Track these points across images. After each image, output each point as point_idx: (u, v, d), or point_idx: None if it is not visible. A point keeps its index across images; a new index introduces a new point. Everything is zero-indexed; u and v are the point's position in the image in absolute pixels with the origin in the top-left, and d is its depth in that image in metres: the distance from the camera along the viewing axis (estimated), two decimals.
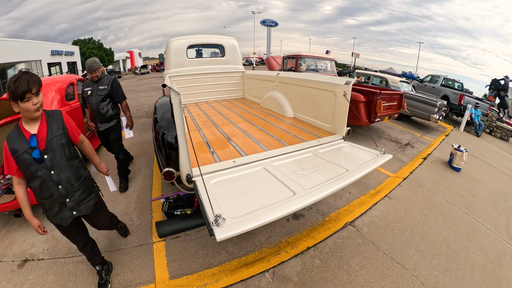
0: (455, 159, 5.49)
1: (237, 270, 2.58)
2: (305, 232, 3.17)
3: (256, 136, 3.39)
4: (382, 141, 6.75)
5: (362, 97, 5.92)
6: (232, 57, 6.52)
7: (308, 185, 2.05)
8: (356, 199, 4.01)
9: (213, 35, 6.47)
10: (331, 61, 8.72)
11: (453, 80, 12.62)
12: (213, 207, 1.68)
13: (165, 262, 2.69)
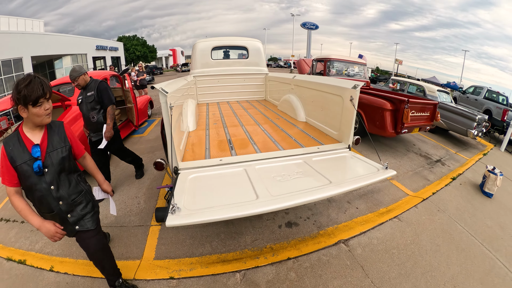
0: (487, 182, 4.93)
1: (212, 264, 2.68)
2: (293, 242, 3.06)
3: (256, 138, 3.41)
4: (409, 155, 6.27)
5: (388, 105, 5.53)
6: (256, 59, 6.55)
7: (277, 192, 1.99)
8: (362, 215, 3.76)
9: (237, 37, 6.58)
10: (363, 66, 8.26)
11: (498, 92, 11.40)
12: (175, 198, 1.83)
13: (155, 244, 2.98)
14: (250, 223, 3.37)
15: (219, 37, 6.52)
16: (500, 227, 3.92)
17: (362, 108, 6.17)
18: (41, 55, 23.07)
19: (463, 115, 7.78)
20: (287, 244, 2.99)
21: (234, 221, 3.37)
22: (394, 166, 5.50)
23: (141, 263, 2.68)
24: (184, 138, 3.29)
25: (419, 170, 5.55)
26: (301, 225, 3.38)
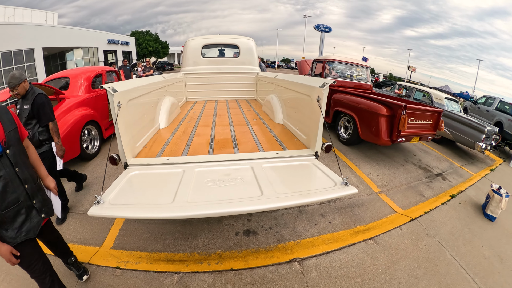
0: (490, 204, 4.33)
1: (157, 261, 2.60)
2: (244, 252, 2.80)
3: (220, 140, 3.26)
4: (406, 166, 5.69)
5: (384, 110, 4.99)
6: (247, 57, 6.33)
7: (194, 199, 1.88)
8: (333, 232, 3.31)
9: (229, 35, 6.40)
10: (366, 69, 7.67)
11: (511, 104, 10.56)
12: (105, 191, 1.92)
13: (117, 234, 3.00)
14: (208, 225, 3.16)
15: (210, 35, 6.44)
16: (499, 259, 3.35)
17: (356, 112, 5.64)
18: (52, 47, 23.20)
19: (471, 126, 7.11)
20: (237, 254, 2.75)
21: (191, 221, 3.22)
22: (386, 178, 4.96)
23: (99, 250, 2.72)
24: (148, 135, 3.20)
25: (415, 184, 4.98)
26: (260, 235, 3.05)
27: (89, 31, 29.93)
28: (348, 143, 6.07)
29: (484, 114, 10.89)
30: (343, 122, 6.25)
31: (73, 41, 25.90)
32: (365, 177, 4.87)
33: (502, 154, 9.01)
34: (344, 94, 6.21)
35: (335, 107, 6.32)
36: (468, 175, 6.16)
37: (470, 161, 7.29)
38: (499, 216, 4.31)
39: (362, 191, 4.46)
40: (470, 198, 4.86)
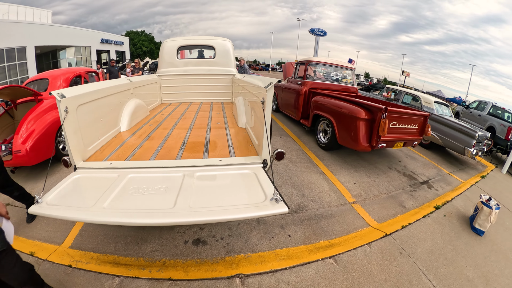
0: (479, 217, 3.82)
1: (105, 263, 2.51)
2: (189, 262, 2.57)
3: (170, 144, 3.07)
4: (389, 174, 5.17)
5: (363, 114, 4.51)
6: (223, 59, 6.00)
7: (111, 205, 1.83)
8: (290, 247, 2.88)
9: (205, 36, 6.22)
10: (351, 71, 7.19)
11: (503, 109, 10.03)
12: (47, 191, 1.96)
13: (77, 233, 2.90)
14: (159, 232, 2.95)
15: (187, 36, 6.42)
16: (485, 280, 2.83)
17: (334, 116, 5.16)
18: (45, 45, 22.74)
19: (461, 131, 6.60)
20: (181, 263, 2.55)
21: (144, 227, 3.02)
22: (364, 187, 4.44)
23: (58, 249, 2.67)
24: (105, 138, 3.11)
25: (396, 193, 4.46)
26: (209, 245, 2.78)
27: (82, 30, 29.45)
28: (327, 148, 5.58)
29: (476, 119, 10.37)
30: (322, 126, 5.76)
31: (66, 39, 25.42)
32: (339, 185, 4.36)
33: (494, 160, 8.48)
34: (323, 97, 5.74)
35: (314, 111, 5.84)
36: (457, 182, 5.63)
37: (460, 168, 6.75)
38: (488, 230, 3.79)
39: (333, 201, 3.95)
40: (457, 209, 4.33)
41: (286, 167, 4.76)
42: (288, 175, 4.50)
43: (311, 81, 6.41)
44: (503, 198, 5.45)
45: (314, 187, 4.23)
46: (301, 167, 4.80)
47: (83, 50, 28.67)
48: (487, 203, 3.85)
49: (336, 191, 4.20)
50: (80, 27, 31.03)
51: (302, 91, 6.38)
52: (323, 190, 4.17)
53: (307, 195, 4.02)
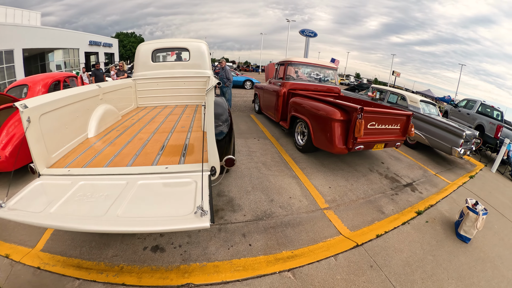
0: (464, 223, 3.40)
1: (69, 266, 2.47)
2: (145, 268, 2.44)
3: (126, 151, 2.95)
4: (369, 176, 4.74)
5: (338, 114, 4.11)
6: (198, 61, 5.73)
7: (57, 211, 1.86)
8: (249, 257, 2.59)
9: (179, 39, 6.23)
10: (334, 71, 6.79)
11: (492, 107, 9.62)
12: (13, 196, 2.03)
13: (48, 237, 2.81)
14: (122, 237, 2.82)
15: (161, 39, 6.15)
16: None
17: (309, 117, 4.76)
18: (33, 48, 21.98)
19: (448, 130, 6.20)
20: (137, 269, 2.44)
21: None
22: (340, 191, 4.02)
23: (31, 251, 2.64)
24: (71, 144, 3.06)
25: (375, 197, 4.04)
26: (167, 252, 2.61)
27: (70, 32, 28.50)
28: (304, 150, 5.17)
29: (465, 117, 9.97)
30: (300, 128, 5.35)
31: (54, 42, 24.59)
32: (313, 190, 3.94)
33: (483, 159, 8.07)
34: (300, 97, 5.34)
35: (291, 112, 5.44)
36: (444, 184, 5.21)
37: (447, 168, 6.34)
38: (475, 236, 3.38)
39: (303, 207, 3.53)
40: (441, 214, 3.91)
41: (258, 171, 4.34)
42: (259, 180, 4.09)
43: (290, 82, 6.02)
44: (492, 199, 5.03)
45: (284, 192, 3.82)
46: (274, 171, 4.38)
47: (71, 52, 27.71)
48: (473, 209, 3.44)
49: (308, 196, 3.78)
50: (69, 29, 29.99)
51: (281, 92, 5.99)
52: (294, 195, 3.76)
53: (276, 200, 3.61)
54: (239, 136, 5.96)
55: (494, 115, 9.44)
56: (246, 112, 8.89)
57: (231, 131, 3.25)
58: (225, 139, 3.00)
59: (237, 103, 10.65)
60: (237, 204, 3.45)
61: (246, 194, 3.71)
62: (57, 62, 25.68)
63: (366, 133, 4.19)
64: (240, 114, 8.43)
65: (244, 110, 9.33)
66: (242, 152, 5.03)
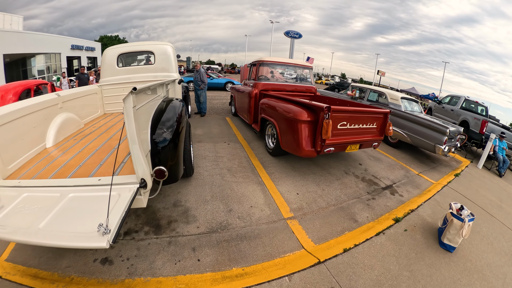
0: (448, 230, 2.90)
1: (27, 276, 2.31)
2: (92, 281, 2.23)
3: (74, 162, 2.73)
4: (344, 180, 4.20)
5: (304, 115, 3.58)
6: (164, 64, 5.29)
7: None
8: (194, 273, 2.26)
9: (144, 42, 5.80)
10: (309, 70, 6.29)
11: (476, 102, 9.19)
12: None
13: (12, 247, 2.66)
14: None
15: (126, 43, 5.68)
16: None
17: (276, 119, 4.24)
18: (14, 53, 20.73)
19: (431, 127, 5.71)
20: (85, 281, 2.25)
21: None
22: (309, 198, 3.47)
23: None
24: (27, 155, 2.87)
25: (348, 204, 3.50)
26: (115, 265, 2.40)
27: (51, 36, 26.97)
28: (274, 154, 4.62)
29: (449, 114, 9.50)
30: (270, 130, 4.82)
31: (36, 47, 23.27)
32: (278, 197, 3.40)
33: (469, 155, 7.62)
34: (269, 98, 4.82)
35: (261, 114, 4.92)
36: (427, 184, 4.69)
37: (431, 166, 5.83)
38: (460, 243, 2.86)
39: (264, 217, 3.00)
40: (422, 220, 3.38)
41: (221, 178, 3.80)
42: (221, 188, 3.54)
43: (262, 83, 5.49)
44: (479, 197, 4.54)
45: (246, 201, 3.27)
46: (239, 177, 3.84)
47: (53, 57, 26.14)
48: (458, 215, 2.93)
49: (271, 204, 3.24)
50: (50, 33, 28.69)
51: (253, 93, 5.46)
52: (256, 204, 3.21)
53: (235, 210, 3.08)
54: (209, 141, 5.41)
55: (478, 111, 9.01)
56: (222, 115, 8.34)
57: (176, 137, 2.74)
58: (168, 147, 2.54)
59: (214, 106, 10.08)
60: (192, 215, 2.97)
61: (203, 203, 3.19)
62: (39, 68, 24.19)
63: (336, 134, 3.67)
64: (216, 117, 7.88)
65: (221, 112, 8.78)
66: (209, 158, 4.48)
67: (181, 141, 2.98)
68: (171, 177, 2.52)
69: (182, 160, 3.17)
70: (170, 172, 2.41)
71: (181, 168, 2.94)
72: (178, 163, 2.78)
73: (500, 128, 7.60)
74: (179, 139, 2.86)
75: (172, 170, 2.55)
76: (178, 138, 2.84)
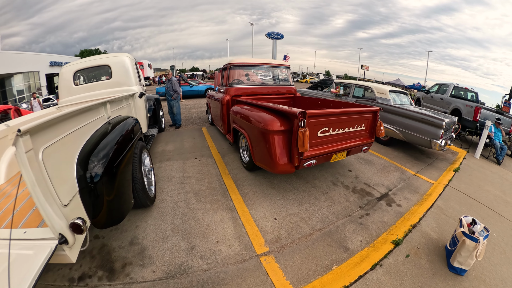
0: (459, 253, 2.33)
1: None
2: None
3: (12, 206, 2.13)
4: (332, 193, 3.61)
5: (277, 124, 2.98)
6: (121, 77, 4.66)
7: None
8: None
9: (100, 56, 4.95)
10: (286, 68, 5.71)
11: (466, 89, 8.81)
12: None
13: None
14: None
15: (84, 58, 5.01)
16: None
17: (247, 129, 3.63)
18: None
19: (425, 121, 5.18)
20: None
21: None
22: (289, 222, 2.84)
23: None
24: None
25: (337, 225, 2.90)
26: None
27: (29, 55, 25.96)
28: (250, 168, 4.00)
29: (439, 103, 9.04)
30: (244, 141, 4.21)
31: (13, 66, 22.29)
32: (251, 227, 2.77)
33: (464, 144, 7.18)
34: (241, 105, 4.21)
35: (232, 123, 4.31)
36: (426, 186, 4.14)
37: (428, 163, 5.30)
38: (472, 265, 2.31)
39: (233, 255, 2.40)
40: (426, 237, 2.81)
41: (186, 205, 3.17)
42: (184, 218, 2.92)
43: (234, 88, 4.88)
44: (483, 194, 4.07)
45: (212, 234, 2.66)
46: (206, 203, 3.22)
47: (31, 75, 25.11)
48: (471, 233, 2.38)
49: (243, 237, 2.62)
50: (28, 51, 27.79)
51: (224, 100, 4.84)
52: (224, 238, 2.60)
53: (198, 248, 2.47)
54: (179, 157, 4.76)
55: (468, 97, 8.61)
56: (198, 125, 7.66)
57: (114, 169, 2.13)
58: (99, 185, 1.93)
59: (192, 116, 9.40)
60: (148, 256, 2.39)
61: (163, 240, 2.58)
62: (18, 88, 23.16)
63: (317, 143, 3.07)
64: (191, 129, 7.20)
65: (198, 122, 8.09)
66: (175, 180, 3.85)
67: (125, 171, 2.37)
68: (111, 219, 2.09)
69: (131, 192, 2.56)
70: (108, 213, 2.01)
71: (126, 205, 2.35)
72: (120, 200, 2.20)
73: (494, 114, 7.15)
74: (120, 170, 2.25)
75: (110, 211, 2.05)
76: (118, 168, 2.23)
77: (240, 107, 4.01)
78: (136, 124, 3.41)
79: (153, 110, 6.17)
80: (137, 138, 3.04)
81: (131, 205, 2.52)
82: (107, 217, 2.03)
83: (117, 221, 2.22)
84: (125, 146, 2.54)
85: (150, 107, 6.05)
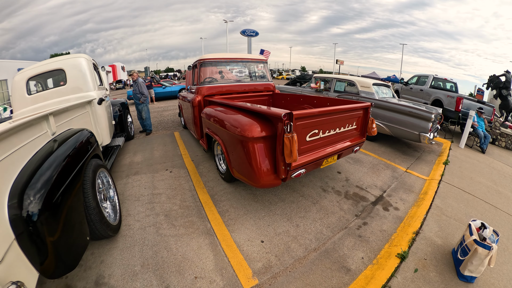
0: (470, 261, 2.12)
1: None
2: None
3: None
4: (323, 202, 3.30)
5: (257, 129, 2.58)
6: (77, 82, 4.06)
7: None
8: None
9: (55, 58, 4.30)
10: (264, 64, 5.34)
11: (445, 79, 9.04)
12: None
13: None
14: None
15: (38, 62, 4.29)
16: None
17: (221, 135, 3.21)
18: None
19: (413, 114, 5.06)
20: None
21: None
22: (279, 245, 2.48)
23: None
24: None
25: (334, 242, 2.58)
26: None
27: None
28: (228, 179, 3.60)
29: (418, 94, 9.16)
30: (219, 148, 3.79)
31: None
32: (235, 254, 2.38)
33: (447, 134, 7.35)
34: (213, 106, 3.78)
35: (205, 129, 3.88)
36: (420, 183, 3.99)
37: (416, 156, 5.21)
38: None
39: None
40: (432, 244, 2.57)
41: (156, 232, 2.71)
42: (155, 249, 2.46)
43: (206, 87, 4.42)
44: (476, 187, 4.07)
45: (189, 268, 2.23)
46: (179, 227, 2.77)
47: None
48: (481, 239, 2.18)
49: (225, 268, 2.22)
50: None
51: (195, 101, 4.38)
52: (203, 272, 2.18)
53: (173, 287, 2.03)
54: (148, 170, 4.23)
55: (448, 87, 8.77)
56: (171, 130, 7.11)
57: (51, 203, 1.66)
58: (38, 225, 1.52)
59: (164, 119, 8.78)
60: None
61: (131, 279, 2.13)
62: None
63: (306, 148, 2.73)
64: (162, 134, 6.63)
65: (170, 127, 7.52)
66: (143, 199, 3.35)
67: (74, 201, 1.91)
68: (62, 265, 1.68)
69: (85, 226, 2.08)
70: (56, 259, 1.61)
71: (78, 244, 1.90)
72: (69, 240, 1.77)
73: (476, 104, 7.29)
74: (66, 202, 1.79)
75: (57, 255, 1.63)
76: (64, 199, 1.77)
77: (213, 109, 3.57)
78: (91, 137, 2.89)
79: (119, 116, 5.56)
80: (89, 156, 2.54)
81: (87, 242, 2.04)
82: (56, 264, 1.61)
83: (70, 266, 1.76)
84: (72, 169, 2.06)
85: (116, 114, 5.44)
